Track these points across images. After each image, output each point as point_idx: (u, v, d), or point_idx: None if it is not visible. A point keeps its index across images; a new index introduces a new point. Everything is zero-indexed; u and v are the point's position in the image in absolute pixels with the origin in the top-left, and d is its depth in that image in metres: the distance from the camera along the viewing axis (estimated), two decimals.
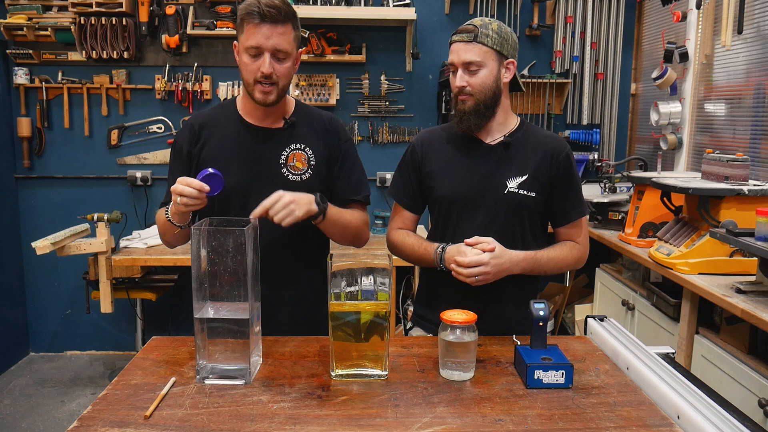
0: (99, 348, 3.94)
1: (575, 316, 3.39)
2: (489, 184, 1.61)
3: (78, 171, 3.59)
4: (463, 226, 1.63)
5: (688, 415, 1.04)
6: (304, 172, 1.62)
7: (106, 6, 3.47)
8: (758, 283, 1.91)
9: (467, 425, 1.07)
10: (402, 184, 1.73)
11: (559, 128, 3.84)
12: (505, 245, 1.59)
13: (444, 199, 1.65)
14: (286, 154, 1.62)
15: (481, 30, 1.55)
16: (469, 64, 1.56)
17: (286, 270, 1.64)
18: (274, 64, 1.50)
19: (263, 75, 1.50)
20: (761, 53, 2.57)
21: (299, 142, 1.63)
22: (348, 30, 3.67)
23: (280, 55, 1.51)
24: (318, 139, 1.66)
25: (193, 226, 1.22)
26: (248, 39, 1.49)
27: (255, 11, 1.46)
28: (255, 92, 1.53)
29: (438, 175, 1.65)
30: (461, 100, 1.59)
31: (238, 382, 1.22)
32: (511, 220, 1.61)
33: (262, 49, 1.49)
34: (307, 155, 1.63)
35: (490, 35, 1.55)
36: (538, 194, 1.61)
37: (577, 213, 1.65)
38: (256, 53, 1.50)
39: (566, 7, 3.64)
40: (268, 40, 1.48)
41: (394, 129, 3.78)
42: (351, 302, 1.26)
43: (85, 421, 1.07)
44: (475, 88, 1.57)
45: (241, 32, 1.52)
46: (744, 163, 2.23)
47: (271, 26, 1.48)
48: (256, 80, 1.51)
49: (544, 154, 1.62)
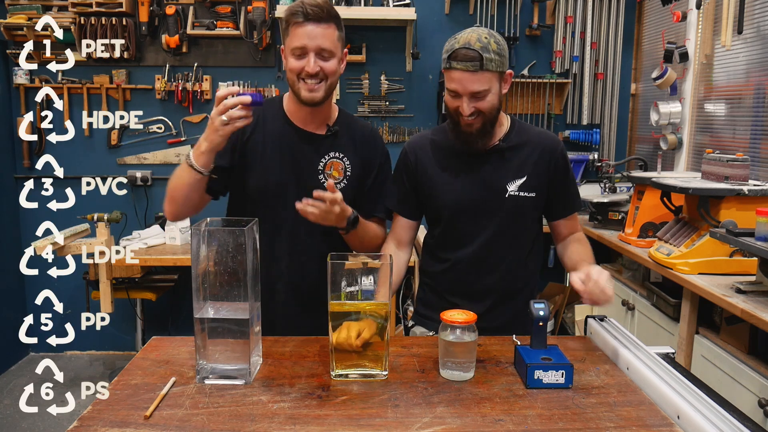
0: (99, 348, 3.95)
1: (575, 316, 3.39)
2: (489, 190, 1.59)
3: (78, 171, 3.65)
4: (468, 234, 1.62)
5: (688, 415, 1.04)
6: (340, 182, 1.64)
7: (106, 6, 3.47)
8: (758, 283, 1.91)
9: (467, 425, 1.07)
10: (396, 192, 1.70)
11: (559, 128, 3.84)
12: (507, 248, 1.61)
13: (445, 208, 1.62)
14: (325, 161, 1.63)
15: (485, 55, 1.44)
16: (476, 93, 1.47)
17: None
18: (320, 62, 1.51)
19: (308, 74, 1.50)
20: (761, 53, 2.57)
21: (339, 151, 1.64)
22: (348, 30, 3.64)
23: (325, 53, 1.51)
24: (356, 151, 1.67)
25: (193, 226, 1.22)
26: (293, 40, 1.50)
27: (299, 11, 1.48)
28: (301, 90, 1.53)
29: (437, 184, 1.62)
30: (468, 123, 1.51)
31: (238, 382, 1.22)
32: (514, 223, 1.61)
33: (306, 49, 1.49)
34: (345, 165, 1.65)
35: (493, 59, 1.45)
36: (538, 194, 1.61)
37: (575, 205, 1.68)
38: (301, 53, 1.50)
39: (566, 7, 3.64)
40: (312, 40, 1.49)
41: (394, 129, 3.79)
42: (351, 302, 1.26)
43: (85, 421, 1.07)
44: (484, 112, 1.50)
45: (286, 35, 1.53)
46: (744, 163, 2.23)
47: (315, 25, 1.49)
48: (301, 77, 1.51)
49: (540, 153, 1.61)
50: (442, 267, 1.67)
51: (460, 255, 1.63)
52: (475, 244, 1.61)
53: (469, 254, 1.62)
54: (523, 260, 1.65)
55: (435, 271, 1.70)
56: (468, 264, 1.63)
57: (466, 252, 1.62)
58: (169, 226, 3.28)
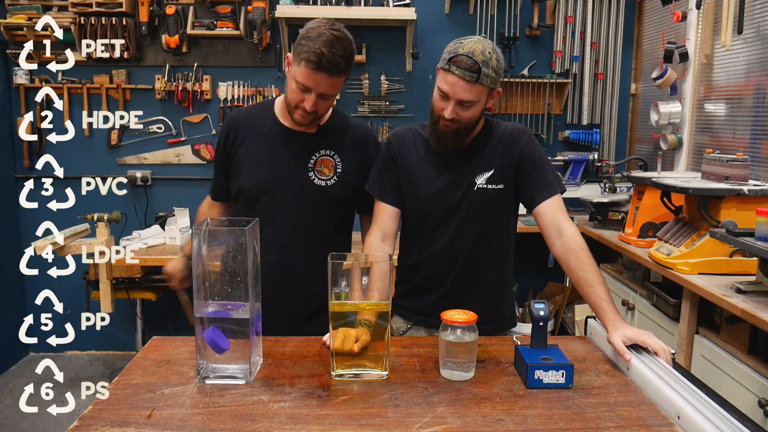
0: (99, 348, 3.95)
1: (575, 316, 3.39)
2: (460, 183, 1.62)
3: (78, 171, 3.65)
4: (439, 227, 1.65)
5: (688, 415, 1.04)
6: (329, 178, 1.68)
7: (106, 6, 3.47)
8: (758, 283, 1.91)
9: (467, 425, 1.07)
10: (379, 178, 1.70)
11: (559, 128, 3.84)
12: (478, 239, 1.64)
13: (419, 200, 1.65)
14: (315, 158, 1.68)
15: (484, 70, 1.47)
16: (464, 102, 1.51)
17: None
18: (319, 102, 1.57)
19: (305, 111, 1.57)
20: (761, 53, 2.57)
21: (329, 148, 1.69)
22: (348, 30, 3.66)
23: (326, 96, 1.58)
24: (349, 149, 1.71)
25: (194, 226, 1.23)
26: (301, 76, 1.53)
27: (314, 60, 1.49)
28: (294, 114, 1.61)
29: (413, 175, 1.66)
30: (444, 125, 1.56)
31: (239, 381, 1.22)
32: (484, 216, 1.63)
33: (311, 89, 1.54)
34: (335, 162, 1.69)
35: (490, 75, 1.49)
36: (506, 185, 1.63)
37: (551, 187, 1.60)
38: (304, 90, 1.55)
39: (566, 7, 3.64)
40: (318, 86, 1.53)
41: (394, 129, 3.78)
42: (351, 302, 1.26)
43: (86, 420, 1.07)
44: (463, 121, 1.55)
45: (297, 62, 1.54)
46: (744, 163, 2.23)
47: (326, 77, 1.52)
48: (298, 107, 1.58)
49: (507, 144, 1.63)
50: (415, 259, 1.70)
51: (433, 247, 1.66)
52: (446, 236, 1.64)
53: (440, 247, 1.65)
54: (496, 254, 1.67)
55: (408, 264, 1.73)
56: (440, 256, 1.65)
57: (438, 244, 1.65)
58: (169, 226, 3.28)
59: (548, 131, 3.82)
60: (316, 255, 1.66)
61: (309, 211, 1.68)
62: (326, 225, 1.72)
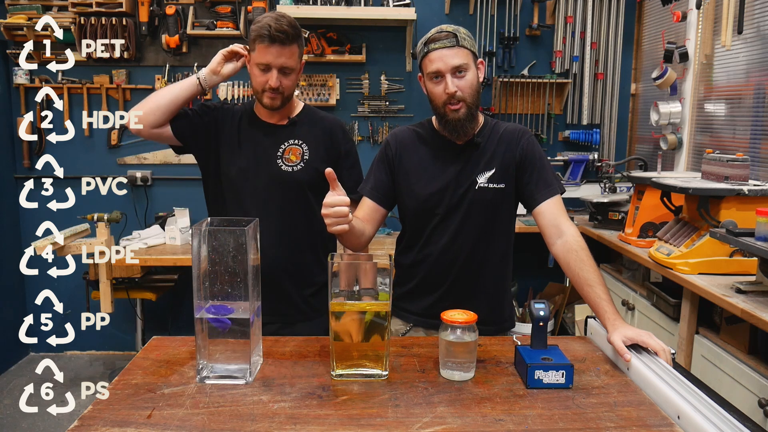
0: (99, 348, 3.95)
1: (575, 316, 3.39)
2: (461, 182, 1.63)
3: (78, 171, 3.65)
4: (439, 226, 1.65)
5: (688, 415, 1.04)
6: (296, 165, 1.81)
7: (106, 6, 3.47)
8: (758, 283, 1.91)
9: (468, 425, 1.07)
10: (372, 179, 1.71)
11: (559, 128, 3.84)
12: (478, 239, 1.65)
13: (418, 201, 1.65)
14: (284, 147, 1.82)
15: (458, 34, 1.55)
16: (457, 69, 1.55)
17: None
18: (281, 78, 1.72)
19: (271, 88, 1.71)
20: (761, 53, 2.57)
21: (297, 138, 1.83)
22: (348, 30, 3.67)
23: (287, 70, 1.72)
24: (317, 139, 1.84)
25: (194, 226, 1.22)
26: (259, 57, 1.70)
27: (265, 34, 1.66)
28: (263, 98, 1.75)
29: (413, 175, 1.67)
30: (453, 109, 1.57)
31: (239, 381, 1.22)
32: (484, 216, 1.64)
33: (271, 66, 1.70)
34: (302, 150, 1.82)
35: (466, 38, 1.57)
36: (507, 185, 1.63)
37: (551, 187, 1.60)
38: (265, 68, 1.71)
39: (566, 7, 3.64)
40: (276, 59, 1.69)
41: (393, 129, 3.78)
42: (351, 302, 1.26)
43: (86, 420, 1.07)
44: (466, 91, 1.57)
45: (252, 49, 1.72)
46: (744, 163, 2.23)
47: (280, 48, 1.68)
48: (264, 90, 1.73)
49: (508, 144, 1.65)
50: (414, 259, 1.70)
51: (432, 247, 1.66)
52: (446, 236, 1.64)
53: (440, 246, 1.65)
54: (496, 254, 1.67)
55: (406, 264, 1.73)
56: (440, 256, 1.65)
57: (438, 244, 1.65)
58: (169, 226, 3.28)
59: (548, 131, 3.82)
60: (286, 239, 1.80)
61: (277, 197, 1.79)
62: (295, 210, 1.81)
